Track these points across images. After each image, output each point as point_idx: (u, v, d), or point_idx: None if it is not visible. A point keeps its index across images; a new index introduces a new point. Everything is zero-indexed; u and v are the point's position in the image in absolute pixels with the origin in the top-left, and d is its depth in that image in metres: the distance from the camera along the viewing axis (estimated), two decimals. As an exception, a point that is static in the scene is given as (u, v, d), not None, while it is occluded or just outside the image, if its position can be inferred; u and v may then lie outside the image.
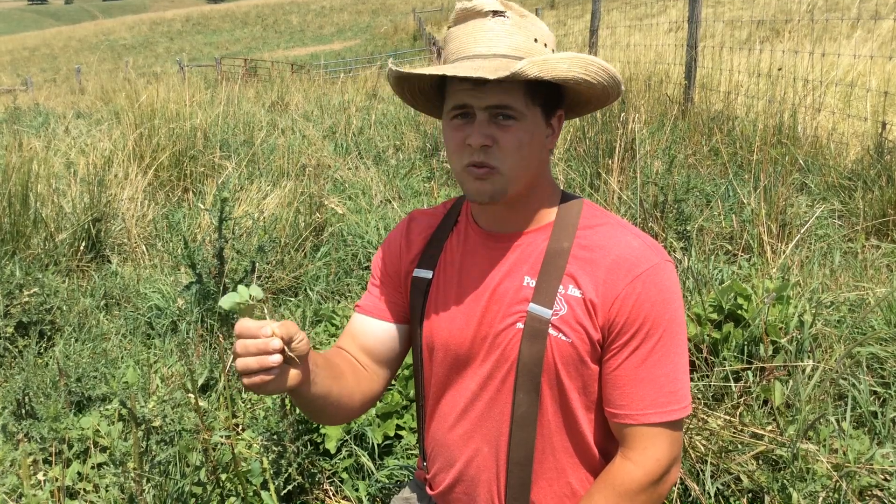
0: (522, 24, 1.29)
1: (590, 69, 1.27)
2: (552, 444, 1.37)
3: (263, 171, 5.98)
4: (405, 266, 1.52)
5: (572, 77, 1.25)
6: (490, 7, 1.29)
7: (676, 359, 1.31)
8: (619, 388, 1.31)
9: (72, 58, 50.78)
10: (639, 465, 1.30)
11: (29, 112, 11.69)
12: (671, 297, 1.31)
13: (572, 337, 1.30)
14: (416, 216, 1.56)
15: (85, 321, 3.64)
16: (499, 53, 1.28)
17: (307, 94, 10.58)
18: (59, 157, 6.34)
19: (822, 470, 2.07)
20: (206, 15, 74.49)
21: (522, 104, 1.28)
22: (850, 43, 8.41)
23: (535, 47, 1.29)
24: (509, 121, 1.28)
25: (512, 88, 1.27)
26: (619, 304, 1.28)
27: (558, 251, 1.34)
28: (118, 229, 4.80)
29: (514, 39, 1.28)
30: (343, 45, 45.80)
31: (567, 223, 1.37)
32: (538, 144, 1.33)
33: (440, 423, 1.47)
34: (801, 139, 5.28)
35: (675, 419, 1.30)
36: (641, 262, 1.30)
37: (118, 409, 2.68)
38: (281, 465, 2.29)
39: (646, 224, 3.68)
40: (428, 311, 1.46)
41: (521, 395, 1.34)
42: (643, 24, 10.12)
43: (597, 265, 1.31)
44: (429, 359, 1.48)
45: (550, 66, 1.23)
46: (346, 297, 3.85)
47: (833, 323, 2.85)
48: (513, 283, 1.36)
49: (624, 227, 1.37)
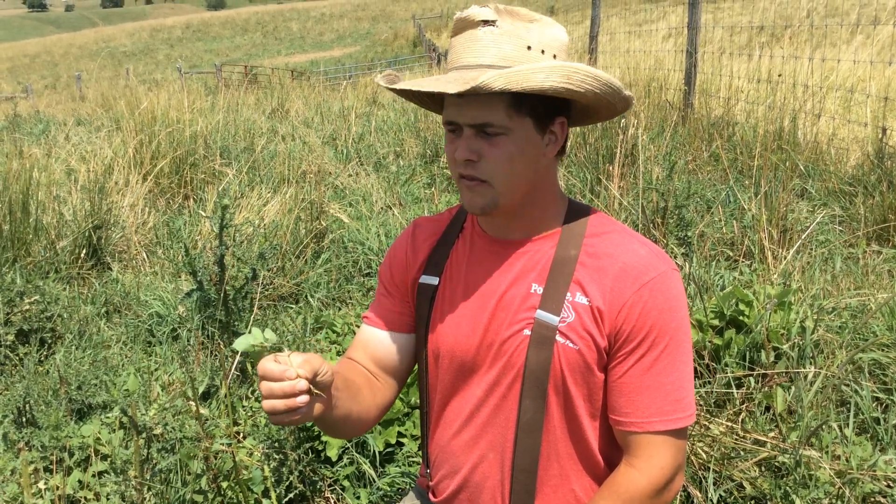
0: (514, 32, 1.27)
1: (574, 78, 1.23)
2: (557, 450, 1.37)
3: (264, 177, 5.98)
4: (412, 274, 1.52)
5: (550, 87, 1.22)
6: (481, 17, 1.27)
7: (682, 367, 1.31)
8: (624, 395, 1.31)
9: (72, 65, 50.87)
10: (643, 473, 1.30)
11: (29, 119, 11.70)
12: (677, 305, 1.31)
13: (580, 344, 1.30)
14: (421, 223, 1.56)
15: (86, 329, 3.63)
16: (484, 64, 1.26)
17: (307, 101, 10.59)
18: (60, 165, 6.34)
19: (824, 477, 2.07)
20: (206, 22, 74.66)
21: (505, 117, 1.27)
22: (849, 48, 8.42)
23: (525, 56, 1.27)
24: (497, 136, 1.28)
25: (492, 102, 1.25)
26: (626, 311, 1.28)
27: (566, 258, 1.34)
28: (119, 236, 4.79)
29: (503, 48, 1.26)
30: (343, 51, 45.92)
31: (575, 231, 1.37)
32: (531, 155, 1.32)
33: (445, 429, 1.47)
34: (802, 145, 5.28)
35: (680, 427, 1.30)
36: (649, 271, 1.30)
37: (119, 416, 2.68)
38: (282, 473, 2.29)
39: (647, 230, 3.68)
40: (434, 318, 1.46)
41: (528, 401, 1.34)
42: (642, 29, 10.13)
43: (604, 273, 1.31)
44: (434, 365, 1.47)
45: (522, 77, 1.19)
46: (347, 303, 3.85)
47: (835, 329, 2.85)
48: (520, 290, 1.36)
49: (631, 236, 1.37)
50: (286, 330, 3.32)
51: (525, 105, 1.27)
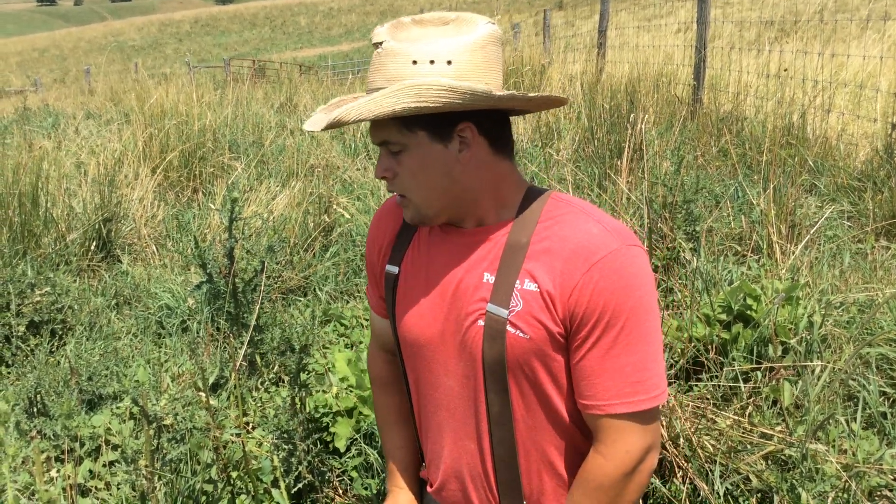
0: (399, 50, 1.27)
1: (426, 95, 1.22)
2: (534, 439, 1.37)
3: (272, 171, 6.00)
4: (379, 261, 1.53)
5: (403, 109, 1.22)
6: (375, 39, 1.30)
7: (644, 347, 1.27)
8: (585, 378, 1.29)
9: (81, 59, 51.03)
10: (608, 458, 1.29)
11: (39, 113, 11.73)
12: (634, 282, 1.26)
13: (529, 332, 1.29)
14: (388, 208, 1.56)
15: (96, 320, 3.66)
16: (374, 87, 1.29)
17: (315, 95, 10.60)
18: (70, 158, 6.38)
19: (831, 470, 2.07)
20: (214, 16, 74.71)
21: (398, 135, 1.29)
22: (859, 44, 8.38)
23: (410, 71, 1.26)
24: (399, 154, 1.31)
25: (384, 122, 1.28)
26: (576, 294, 1.26)
27: (516, 246, 1.33)
28: (128, 229, 4.82)
29: (388, 70, 1.28)
30: (351, 46, 45.89)
31: (528, 218, 1.35)
32: (438, 165, 1.31)
33: (428, 419, 1.48)
34: (811, 140, 5.27)
35: (643, 409, 1.27)
36: (599, 249, 1.26)
37: (129, 407, 2.70)
38: (291, 464, 2.30)
39: (654, 225, 3.68)
40: (398, 307, 1.47)
41: (492, 395, 1.34)
42: (651, 24, 10.11)
43: (555, 256, 1.29)
44: (408, 355, 1.48)
45: (374, 105, 1.22)
46: (355, 297, 3.87)
47: (842, 323, 2.85)
48: (472, 279, 1.35)
49: (587, 214, 1.33)
50: (295, 322, 3.34)
51: (414, 120, 1.28)
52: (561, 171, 4.84)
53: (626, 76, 7.09)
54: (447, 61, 1.27)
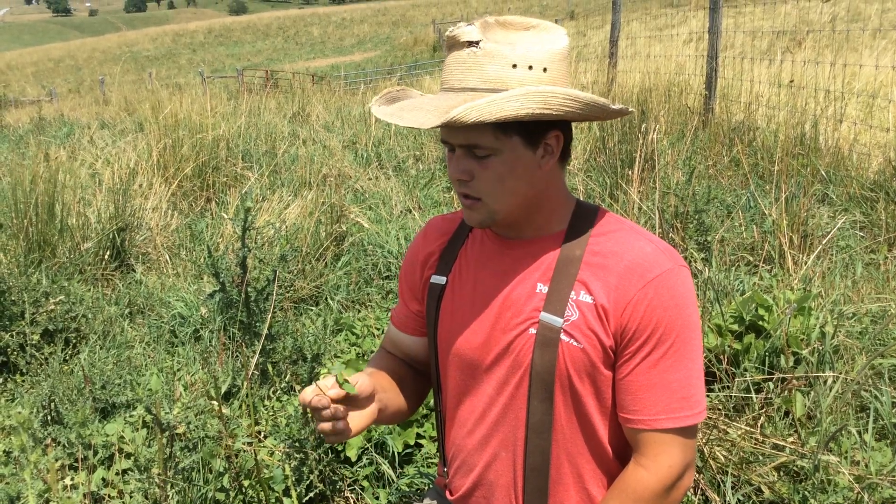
0: (497, 52, 1.25)
1: (551, 102, 1.22)
2: (568, 450, 1.38)
3: (285, 181, 6.03)
4: (425, 273, 1.55)
5: (526, 114, 1.21)
6: (465, 37, 1.27)
7: (690, 364, 1.30)
8: (631, 393, 1.31)
9: (96, 69, 51.43)
10: (651, 471, 1.30)
11: (54, 123, 11.84)
12: (684, 302, 1.30)
13: (584, 343, 1.31)
14: (434, 222, 1.60)
15: (110, 329, 3.69)
16: (468, 87, 1.26)
17: (328, 105, 10.65)
18: (85, 168, 6.43)
19: (843, 482, 2.06)
20: (228, 27, 75.19)
21: (492, 139, 1.27)
22: (871, 53, 8.36)
23: (509, 75, 1.25)
24: (486, 158, 1.29)
25: (478, 126, 1.25)
26: (630, 309, 1.28)
27: (570, 258, 1.35)
28: (142, 239, 4.86)
29: (486, 71, 1.25)
30: (363, 56, 46.06)
31: (580, 230, 1.38)
32: (524, 170, 1.32)
33: (459, 428, 1.49)
34: (823, 150, 5.25)
35: (688, 425, 1.30)
36: (654, 268, 1.30)
37: (142, 415, 2.72)
38: (303, 473, 2.31)
39: (666, 235, 3.68)
40: (442, 317, 1.49)
41: (536, 402, 1.35)
42: (663, 34, 10.11)
43: (609, 271, 1.31)
44: (445, 364, 1.50)
45: (496, 108, 1.19)
46: (367, 306, 3.88)
47: (855, 334, 2.84)
48: (525, 289, 1.37)
49: (638, 233, 1.36)
50: (307, 332, 3.35)
51: (512, 125, 1.27)
52: (572, 181, 4.85)
53: (638, 86, 7.10)
54: (543, 68, 1.28)
